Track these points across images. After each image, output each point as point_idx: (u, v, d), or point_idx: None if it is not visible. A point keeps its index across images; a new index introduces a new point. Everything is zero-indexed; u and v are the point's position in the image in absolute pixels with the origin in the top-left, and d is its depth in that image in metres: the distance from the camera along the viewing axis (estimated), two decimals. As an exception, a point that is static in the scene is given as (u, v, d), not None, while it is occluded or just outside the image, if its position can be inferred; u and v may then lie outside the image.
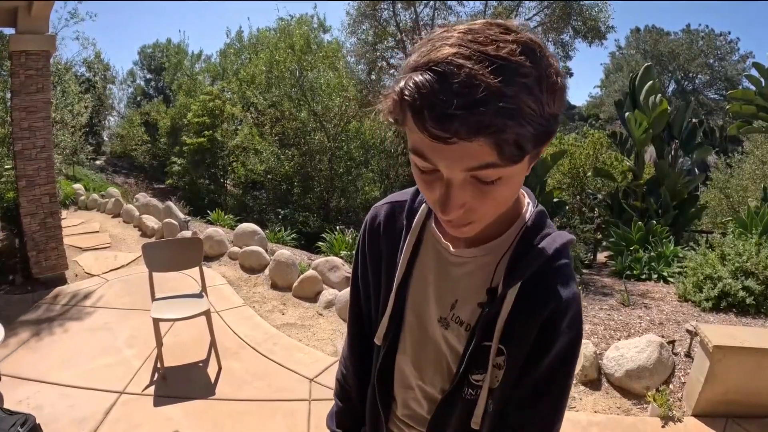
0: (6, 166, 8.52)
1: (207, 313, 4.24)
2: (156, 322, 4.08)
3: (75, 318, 5.24)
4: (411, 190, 1.25)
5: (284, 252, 6.41)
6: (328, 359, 4.52)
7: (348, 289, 5.41)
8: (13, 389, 3.90)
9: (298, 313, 5.47)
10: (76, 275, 6.52)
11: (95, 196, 11.40)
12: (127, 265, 6.95)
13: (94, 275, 6.55)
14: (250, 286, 6.16)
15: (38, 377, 4.09)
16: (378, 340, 1.28)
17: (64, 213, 9.02)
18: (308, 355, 4.59)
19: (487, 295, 1.07)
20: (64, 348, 4.60)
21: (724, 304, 5.05)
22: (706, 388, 3.43)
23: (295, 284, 5.93)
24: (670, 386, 3.77)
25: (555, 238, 1.07)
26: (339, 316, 5.39)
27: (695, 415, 3.46)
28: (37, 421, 3.10)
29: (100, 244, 7.97)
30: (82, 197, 11.51)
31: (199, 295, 4.44)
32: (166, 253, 4.48)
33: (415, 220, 1.19)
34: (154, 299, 4.30)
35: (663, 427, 3.38)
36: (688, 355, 4.08)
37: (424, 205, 1.18)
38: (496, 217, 0.99)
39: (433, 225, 1.18)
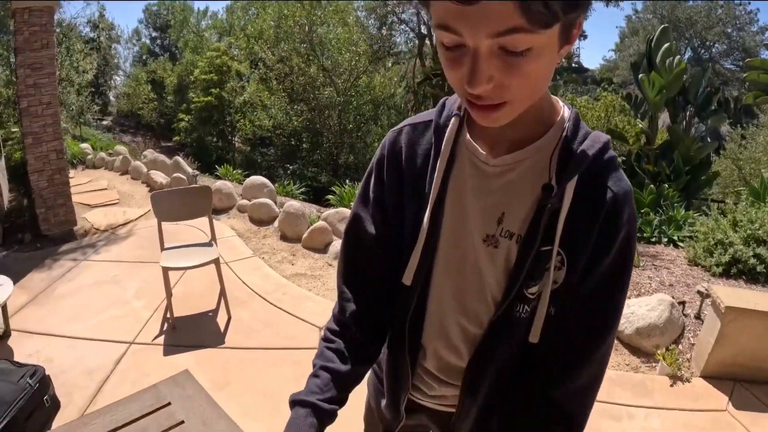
0: (13, 130, 8.47)
1: (216, 262, 4.19)
2: (165, 271, 4.03)
3: (84, 272, 5.21)
4: (433, 109, 1.16)
5: (294, 203, 6.35)
6: (338, 308, 4.43)
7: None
8: (22, 343, 3.90)
9: (308, 264, 5.42)
10: (85, 231, 6.47)
11: (102, 154, 11.34)
12: (135, 219, 6.91)
13: (102, 231, 6.51)
14: (259, 237, 6.11)
15: (47, 331, 4.09)
16: (407, 279, 1.16)
17: (71, 172, 8.96)
18: (317, 305, 4.55)
19: (543, 192, 0.98)
20: (73, 302, 4.59)
21: (735, 270, 4.97)
22: (715, 350, 3.41)
23: (304, 235, 5.87)
24: (679, 347, 3.73)
25: (597, 134, 1.01)
26: (349, 267, 5.29)
27: (703, 377, 3.43)
28: (47, 373, 3.08)
29: (108, 201, 7.92)
30: (90, 156, 11.45)
31: (208, 244, 4.38)
32: (175, 203, 4.39)
33: (446, 134, 1.09)
34: (163, 249, 4.25)
35: (671, 386, 3.35)
36: (698, 316, 4.05)
37: (454, 118, 1.09)
38: (532, 117, 0.96)
39: (468, 137, 1.08)
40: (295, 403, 1.19)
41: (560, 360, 1.08)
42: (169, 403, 1.71)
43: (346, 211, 6.23)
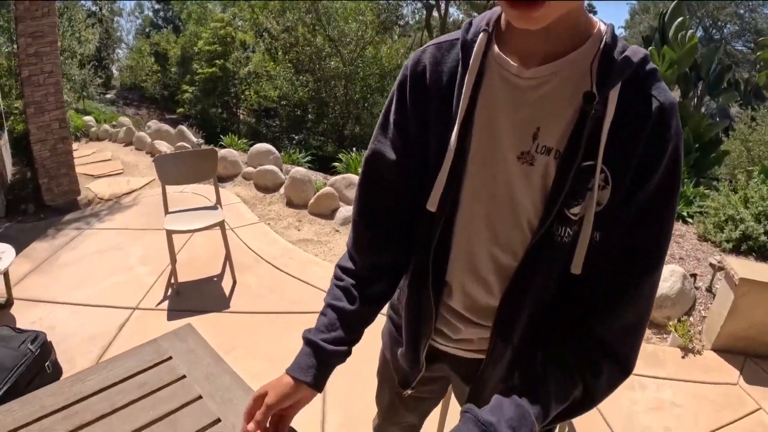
0: (15, 105, 8.37)
1: (222, 225, 4.11)
2: (169, 234, 3.94)
3: (87, 241, 5.15)
4: (457, 30, 1.08)
5: (300, 169, 6.26)
6: (345, 274, 4.36)
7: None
8: (25, 312, 3.85)
9: (314, 230, 5.34)
10: (89, 201, 6.39)
11: (106, 126, 11.22)
12: (140, 188, 6.84)
13: (106, 200, 6.44)
14: (265, 204, 6.02)
15: (50, 298, 4.04)
16: (432, 205, 1.07)
17: (75, 145, 8.87)
18: (324, 269, 4.49)
19: (584, 101, 0.90)
20: (77, 270, 4.53)
21: (745, 247, 4.91)
22: (728, 322, 3.36)
23: (311, 201, 5.78)
24: (690, 319, 3.67)
25: (636, 47, 0.94)
26: (356, 232, 5.21)
27: (714, 350, 3.38)
28: (48, 339, 3.02)
29: (112, 171, 7.83)
30: (93, 129, 11.33)
31: (213, 207, 4.30)
32: (180, 166, 4.28)
33: (475, 49, 1.00)
34: (167, 213, 4.17)
35: (683, 357, 3.31)
36: (710, 289, 4.00)
37: (482, 34, 1.01)
38: (568, 28, 0.92)
39: (497, 50, 0.99)
40: (303, 340, 1.22)
41: (606, 293, 0.99)
42: (170, 358, 1.62)
43: (354, 177, 6.13)
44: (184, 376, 1.54)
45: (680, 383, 3.09)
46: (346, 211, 5.56)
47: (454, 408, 1.37)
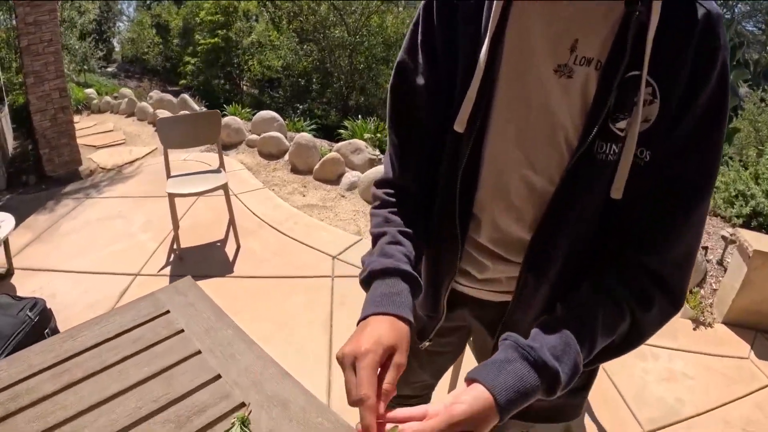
0: (15, 81, 8.25)
1: (225, 188, 4.00)
2: (171, 198, 3.85)
3: (88, 210, 5.06)
4: None
5: (305, 135, 6.13)
6: (352, 237, 4.32)
7: (373, 170, 5.26)
8: (25, 281, 3.79)
9: (320, 195, 5.23)
10: (91, 171, 6.29)
11: (108, 98, 11.07)
12: (142, 157, 6.72)
13: (108, 170, 6.32)
14: (269, 171, 5.91)
15: (51, 267, 3.97)
16: (460, 125, 0.97)
17: (76, 118, 8.74)
18: (330, 234, 4.39)
19: (627, 3, 0.83)
20: (78, 238, 4.46)
21: (755, 223, 4.81)
22: (740, 295, 3.29)
23: (316, 167, 5.66)
24: (701, 292, 3.60)
25: None
26: (362, 198, 5.15)
27: (725, 323, 3.32)
28: (48, 306, 2.94)
29: (114, 141, 7.71)
30: (95, 101, 11.18)
31: (216, 171, 4.19)
32: (182, 129, 4.17)
33: None
34: (169, 176, 4.06)
35: (694, 329, 3.25)
36: (720, 263, 3.95)
37: None
38: None
39: None
40: (377, 274, 0.99)
41: (653, 223, 0.91)
42: (167, 311, 1.52)
43: (359, 142, 6.00)
44: (182, 330, 1.44)
45: (692, 355, 3.04)
46: (352, 176, 5.45)
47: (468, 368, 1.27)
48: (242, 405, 1.20)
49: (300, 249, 4.15)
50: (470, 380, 0.82)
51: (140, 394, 1.23)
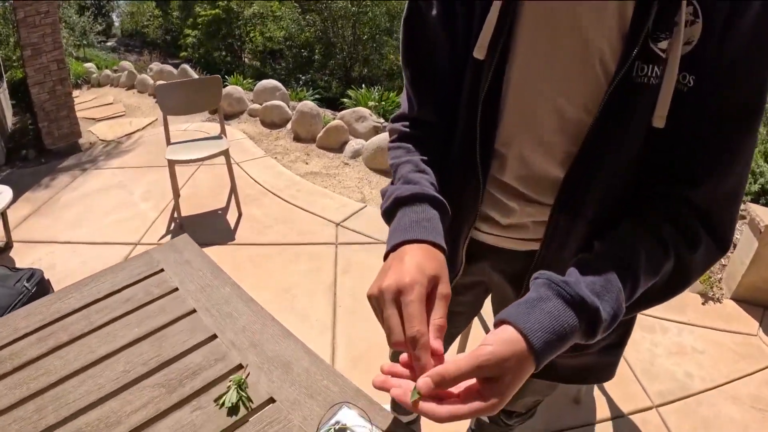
0: (15, 54, 8.12)
1: (226, 153, 3.88)
2: (171, 165, 3.73)
3: (88, 181, 4.96)
4: None
5: (308, 103, 5.97)
6: (356, 205, 4.20)
7: (377, 137, 5.12)
8: (24, 253, 3.72)
9: (323, 163, 5.10)
10: (90, 143, 6.18)
11: (107, 71, 10.94)
12: (142, 128, 6.59)
13: (108, 141, 6.20)
14: (271, 140, 5.77)
15: (50, 239, 3.89)
16: (480, 51, 0.87)
17: (76, 92, 8.65)
18: (334, 201, 4.28)
19: None
20: (78, 209, 4.37)
21: (763, 201, 4.67)
22: (750, 271, 3.16)
23: (319, 135, 5.52)
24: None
25: None
26: (366, 166, 5.01)
27: (734, 299, 3.22)
28: (46, 276, 2.85)
29: (114, 114, 7.59)
30: (94, 75, 11.03)
31: (217, 137, 4.06)
32: (182, 95, 4.02)
33: None
34: (169, 144, 3.94)
35: (703, 304, 3.16)
36: None
37: None
38: None
39: None
40: (404, 201, 0.89)
41: (702, 152, 0.81)
42: (161, 270, 1.41)
43: (364, 110, 5.86)
44: (176, 289, 1.33)
45: (701, 329, 2.96)
46: (356, 144, 5.31)
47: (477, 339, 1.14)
48: (239, 367, 1.10)
49: (303, 216, 4.05)
50: (499, 322, 0.72)
51: (129, 357, 1.14)
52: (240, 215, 4.06)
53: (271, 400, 1.02)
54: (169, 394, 1.03)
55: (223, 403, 1.00)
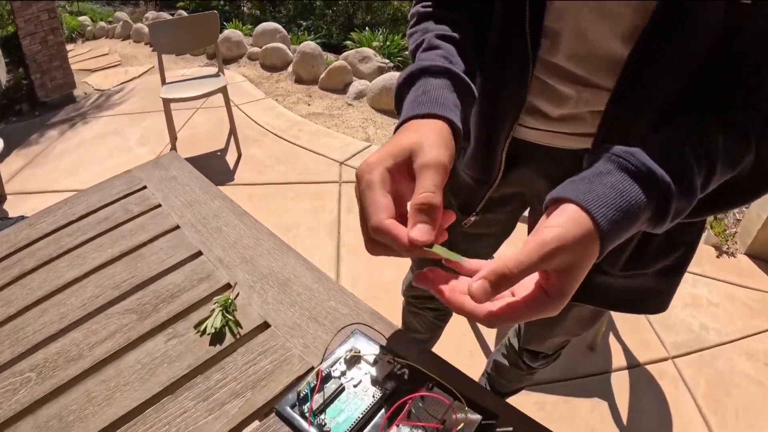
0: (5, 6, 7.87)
1: (224, 91, 3.69)
2: (167, 104, 3.55)
3: (83, 130, 4.80)
4: None
5: (310, 43, 5.73)
6: (360, 144, 4.04)
7: (382, 77, 4.89)
8: (17, 205, 3.61)
9: (326, 104, 4.90)
10: (86, 94, 6.00)
11: (102, 23, 10.68)
12: (138, 76, 6.39)
13: (103, 90, 6.00)
14: (272, 82, 5.56)
15: (44, 189, 3.77)
16: None
17: (71, 46, 8.44)
18: (337, 140, 4.10)
19: None
20: (72, 158, 4.24)
21: None
22: (766, 227, 3.03)
23: (321, 76, 5.30)
24: (724, 222, 3.35)
25: None
26: (371, 106, 4.81)
27: (748, 255, 3.09)
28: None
29: (109, 63, 7.37)
30: (89, 28, 10.78)
31: (215, 75, 3.87)
32: (177, 32, 3.81)
33: None
34: (164, 83, 3.74)
35: (717, 257, 3.05)
36: None
37: None
38: None
39: None
40: (414, 77, 0.70)
41: None
42: (144, 187, 1.22)
43: (368, 50, 5.62)
44: (158, 206, 1.14)
45: (716, 282, 2.86)
46: (360, 84, 5.08)
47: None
48: (227, 287, 0.91)
49: (305, 155, 3.89)
50: (553, 202, 0.55)
51: (99, 281, 0.95)
52: (239, 156, 3.90)
53: (265, 325, 0.84)
54: (141, 320, 0.85)
55: (204, 330, 0.82)
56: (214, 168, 3.77)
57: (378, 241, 0.56)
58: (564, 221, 0.51)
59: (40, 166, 4.15)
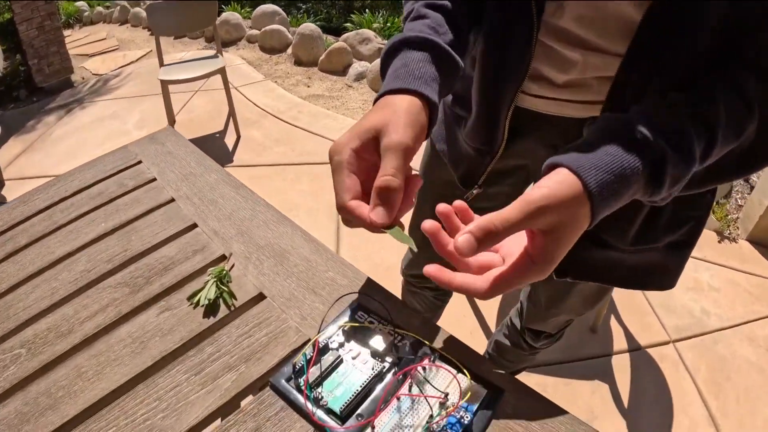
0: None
1: (222, 72, 3.66)
2: (165, 86, 3.52)
3: (81, 115, 4.78)
4: None
5: (309, 25, 5.67)
6: (360, 125, 3.96)
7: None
8: (16, 190, 3.60)
9: (326, 86, 4.86)
10: (83, 78, 5.96)
11: (99, 8, 10.59)
12: (136, 60, 6.35)
13: (101, 75, 5.96)
14: (271, 64, 5.52)
15: (42, 173, 3.76)
16: None
17: (68, 32, 8.47)
18: (337, 121, 4.08)
19: None
20: (70, 143, 4.22)
21: None
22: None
23: (321, 58, 5.26)
24: (726, 207, 3.33)
25: None
26: (371, 88, 4.77)
27: (750, 241, 3.08)
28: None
29: (107, 48, 7.32)
30: (86, 13, 10.70)
31: (213, 56, 3.83)
32: (174, 13, 3.76)
33: None
34: (162, 65, 3.70)
35: (719, 242, 3.04)
36: (747, 179, 3.64)
37: None
38: None
39: None
40: (395, 49, 0.69)
41: None
42: (139, 162, 1.19)
43: (368, 32, 5.55)
44: (153, 179, 1.11)
45: (716, 267, 2.85)
46: (360, 66, 5.03)
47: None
48: (222, 259, 0.88)
49: (305, 136, 3.86)
50: (548, 167, 0.55)
51: (91, 255, 0.93)
52: (238, 137, 3.88)
53: (261, 297, 0.81)
54: (134, 294, 0.83)
55: (197, 302, 0.79)
56: (213, 150, 3.74)
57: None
58: (553, 183, 0.52)
59: (38, 151, 4.13)
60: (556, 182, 0.52)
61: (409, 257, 1.48)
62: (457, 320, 2.37)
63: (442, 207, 0.60)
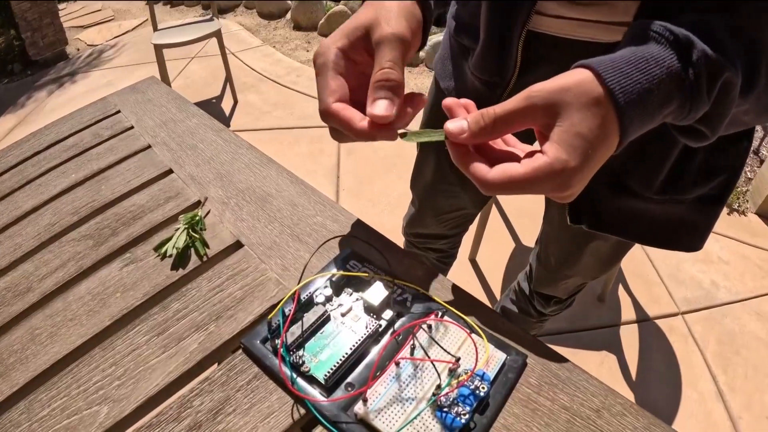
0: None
1: (218, 35, 3.52)
2: (158, 50, 3.38)
3: (75, 86, 4.67)
4: None
5: (307, -12, 5.52)
6: (361, 87, 3.86)
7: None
8: None
9: (325, 50, 4.73)
10: (78, 50, 5.83)
11: (96, -21, 10.44)
12: (132, 29, 6.21)
13: (96, 45, 5.83)
14: (269, 30, 5.38)
15: None
16: None
17: (63, 5, 8.23)
18: (339, 85, 3.92)
19: None
20: (64, 112, 4.01)
21: None
22: None
23: (321, 22, 5.11)
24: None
25: None
26: (372, 52, 4.62)
27: (758, 214, 3.01)
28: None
29: (102, 19, 7.17)
30: (82, -15, 10.56)
31: (208, 20, 3.70)
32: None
33: None
34: (156, 29, 3.58)
35: (728, 214, 2.98)
36: (756, 152, 3.55)
37: None
38: None
39: None
40: None
41: None
42: (117, 112, 1.10)
43: (368, -6, 5.41)
44: (131, 128, 1.02)
45: (726, 240, 2.78)
46: (361, 31, 4.90)
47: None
48: (198, 205, 0.79)
49: (303, 100, 3.77)
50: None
51: (58, 208, 0.84)
52: (236, 102, 3.77)
53: (238, 245, 0.72)
54: (97, 247, 0.74)
55: (165, 252, 0.70)
56: (210, 114, 3.61)
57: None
58: (563, 74, 0.44)
59: (31, 123, 4.05)
60: (567, 74, 0.45)
61: (411, 214, 1.39)
62: (460, 286, 2.30)
63: (448, 101, 0.51)
